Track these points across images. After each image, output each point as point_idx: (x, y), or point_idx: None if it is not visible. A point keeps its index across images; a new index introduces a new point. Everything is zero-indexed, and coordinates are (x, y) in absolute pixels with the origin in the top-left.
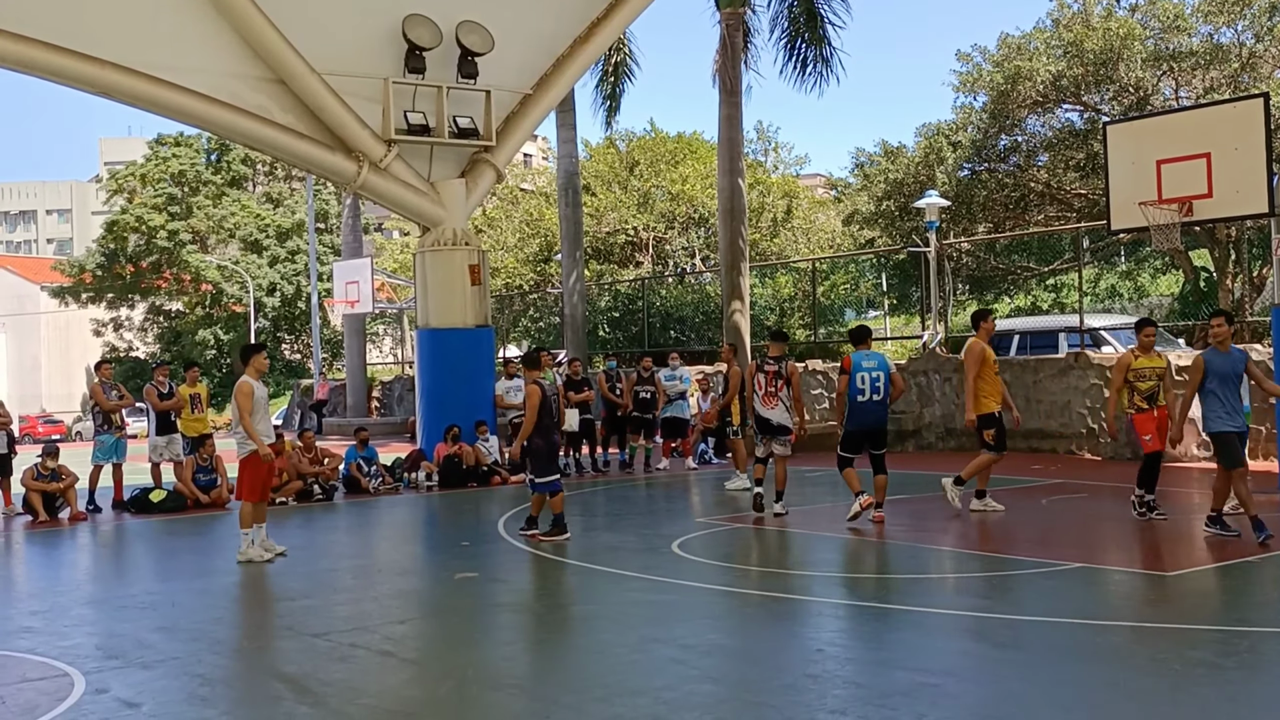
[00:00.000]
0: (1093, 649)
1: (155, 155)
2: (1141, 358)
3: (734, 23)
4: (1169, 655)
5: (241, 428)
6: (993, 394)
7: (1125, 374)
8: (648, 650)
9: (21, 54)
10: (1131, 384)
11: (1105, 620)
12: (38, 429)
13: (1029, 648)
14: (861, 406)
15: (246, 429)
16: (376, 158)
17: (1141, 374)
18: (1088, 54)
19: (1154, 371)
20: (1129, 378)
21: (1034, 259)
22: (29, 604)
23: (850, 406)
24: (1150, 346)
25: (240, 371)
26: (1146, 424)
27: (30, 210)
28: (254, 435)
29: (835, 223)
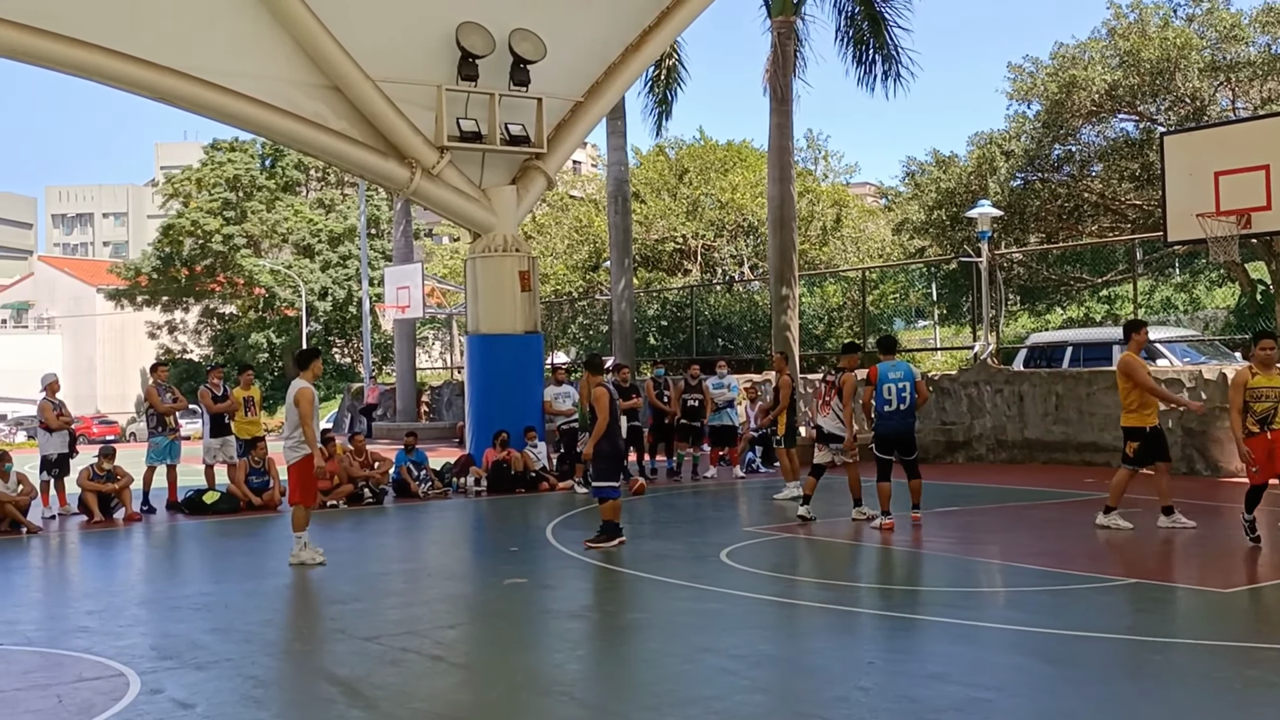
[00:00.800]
0: (1149, 667)
1: (211, 160)
2: (1260, 375)
3: (785, 31)
4: (1228, 674)
5: (301, 432)
6: (1148, 408)
7: (1244, 393)
8: (697, 660)
9: (82, 59)
10: (1247, 404)
11: (1161, 637)
12: (92, 430)
13: (1083, 664)
14: (888, 416)
15: (308, 434)
16: (429, 164)
17: (1260, 394)
18: (1144, 63)
19: (1274, 391)
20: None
21: (1087, 270)
22: (85, 604)
23: (877, 416)
24: (1271, 362)
25: (292, 375)
26: (1258, 449)
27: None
28: (313, 441)
29: (885, 232)
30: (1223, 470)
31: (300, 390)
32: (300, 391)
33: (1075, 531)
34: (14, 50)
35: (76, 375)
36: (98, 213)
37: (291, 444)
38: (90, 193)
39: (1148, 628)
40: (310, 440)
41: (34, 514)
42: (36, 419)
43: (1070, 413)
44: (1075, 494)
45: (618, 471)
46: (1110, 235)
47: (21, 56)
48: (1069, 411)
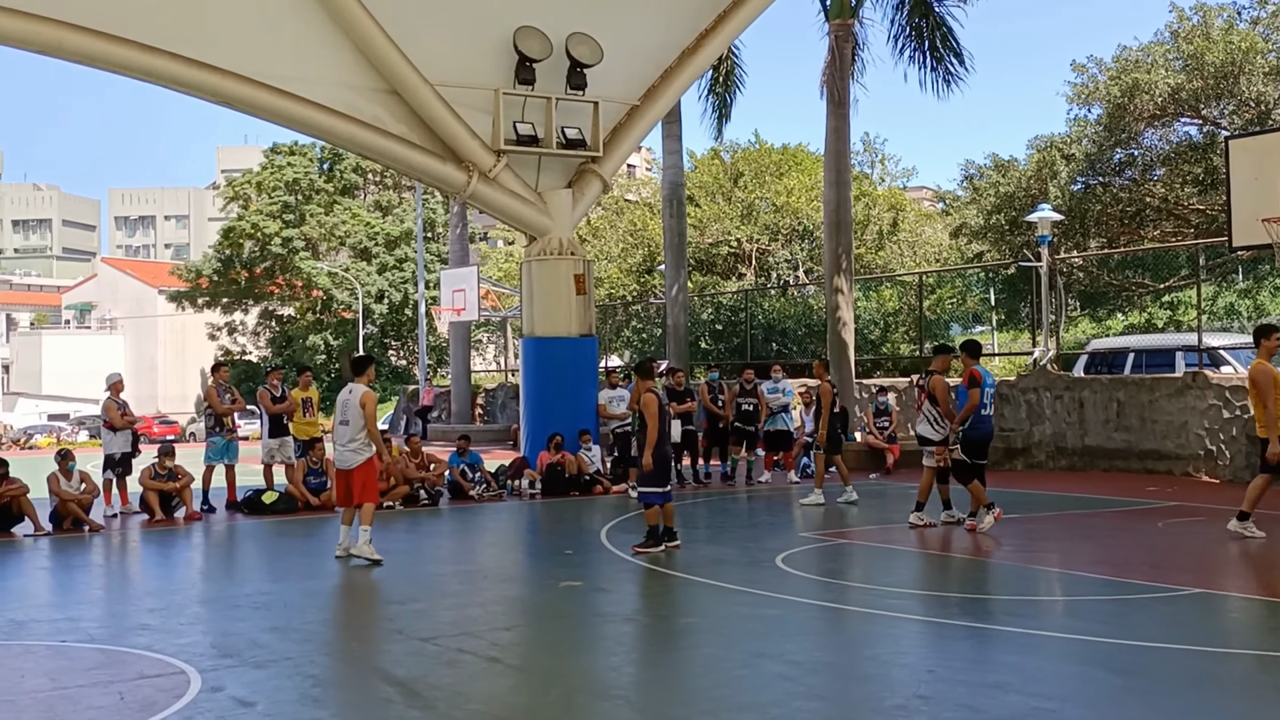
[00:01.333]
0: (1215, 678)
1: (270, 163)
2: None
3: (843, 34)
4: None
5: (365, 434)
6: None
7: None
8: (754, 665)
9: (149, 64)
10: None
11: (1227, 648)
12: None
13: (1148, 675)
14: (984, 419)
15: (374, 436)
16: (486, 168)
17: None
18: (1208, 67)
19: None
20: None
21: (1149, 275)
22: (146, 602)
23: (975, 420)
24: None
25: (348, 377)
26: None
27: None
28: (379, 442)
29: (942, 236)
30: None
31: (365, 394)
32: (365, 394)
33: (1137, 540)
34: (86, 55)
35: (138, 375)
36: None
37: (356, 446)
38: (152, 196)
39: (1213, 638)
40: (377, 440)
41: (96, 512)
42: (100, 418)
43: (1132, 420)
44: (1137, 502)
45: (665, 477)
46: (1173, 240)
47: (92, 61)
48: (1131, 419)
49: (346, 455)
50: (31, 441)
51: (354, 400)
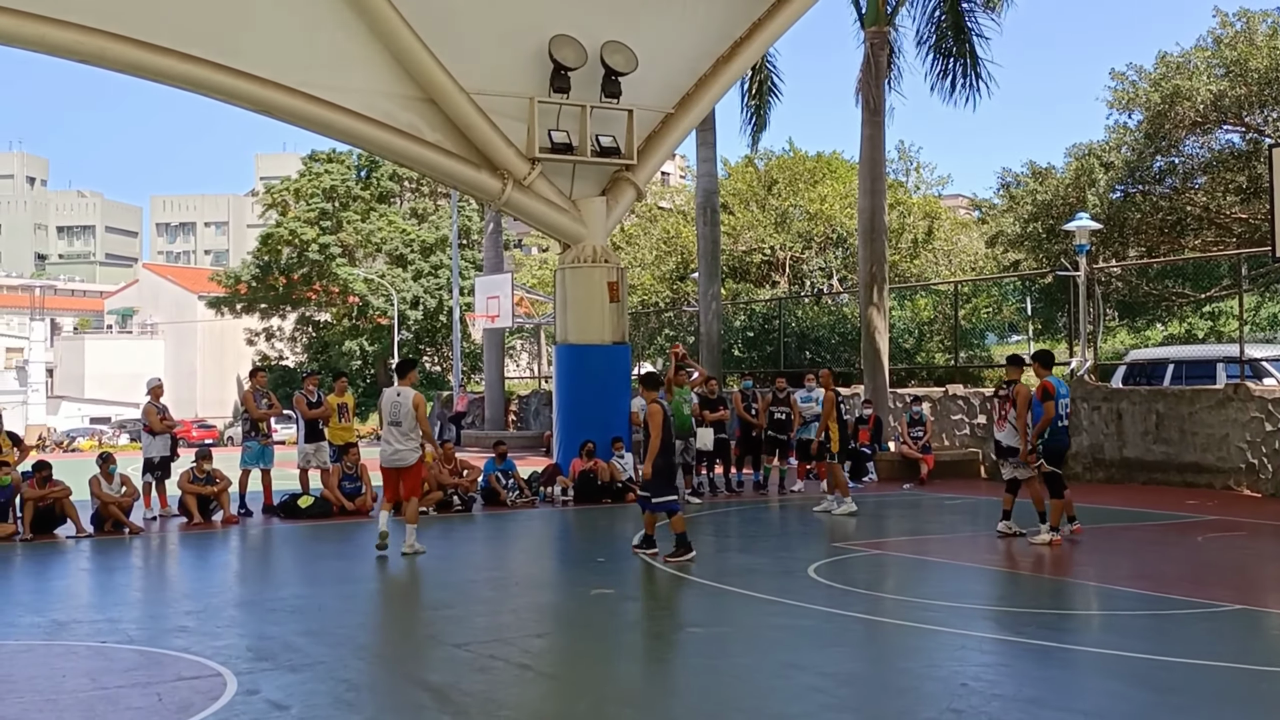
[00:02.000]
0: (1256, 696)
1: (308, 171)
2: None
3: (879, 41)
4: None
5: (418, 433)
6: None
7: None
8: (786, 676)
9: (191, 73)
10: None
11: (1269, 666)
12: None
13: (1187, 691)
14: (1061, 430)
15: (428, 435)
16: (521, 175)
17: None
18: (1252, 73)
19: None
20: None
21: (1190, 285)
22: (184, 604)
23: (1051, 430)
24: None
25: (385, 381)
26: None
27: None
28: (433, 440)
29: (978, 244)
30: None
31: (416, 396)
32: (416, 397)
33: (1176, 554)
34: (129, 65)
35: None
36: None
37: (412, 446)
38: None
39: (1254, 655)
40: (431, 440)
41: (136, 515)
42: (140, 422)
43: (1172, 432)
44: (1176, 516)
45: (672, 486)
46: (1214, 250)
47: (135, 70)
48: (1170, 431)
49: (400, 455)
50: (74, 444)
51: (405, 402)
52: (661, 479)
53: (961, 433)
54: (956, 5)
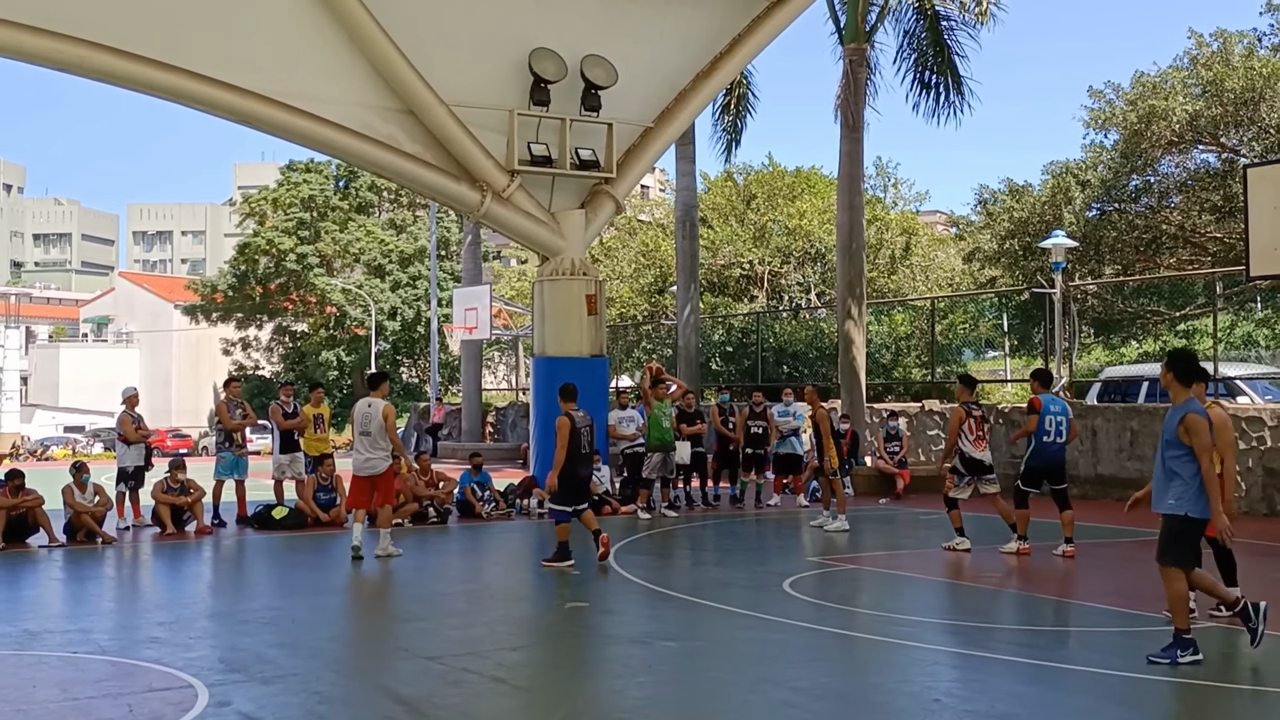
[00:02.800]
0: (1227, 713)
1: (287, 180)
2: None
3: (857, 58)
4: None
5: (386, 443)
6: None
7: None
8: (759, 691)
9: (170, 82)
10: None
11: (1240, 684)
12: (166, 443)
13: (1157, 709)
14: (1046, 446)
15: (396, 445)
16: (500, 188)
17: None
18: (1227, 94)
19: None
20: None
21: (1165, 303)
22: (156, 615)
23: (1035, 445)
24: None
25: (360, 393)
26: None
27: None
28: (401, 451)
29: (955, 261)
30: None
31: (386, 406)
32: (386, 407)
33: (1149, 571)
34: (109, 73)
35: (152, 389)
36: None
37: (382, 454)
38: (170, 211)
39: (1226, 673)
40: (399, 449)
41: (109, 525)
42: (115, 431)
43: (1146, 449)
44: (1149, 532)
45: (576, 498)
46: (1189, 268)
47: (114, 79)
48: (1144, 448)
49: (371, 462)
50: (48, 453)
51: (375, 414)
52: (567, 489)
53: (938, 448)
54: (936, 23)
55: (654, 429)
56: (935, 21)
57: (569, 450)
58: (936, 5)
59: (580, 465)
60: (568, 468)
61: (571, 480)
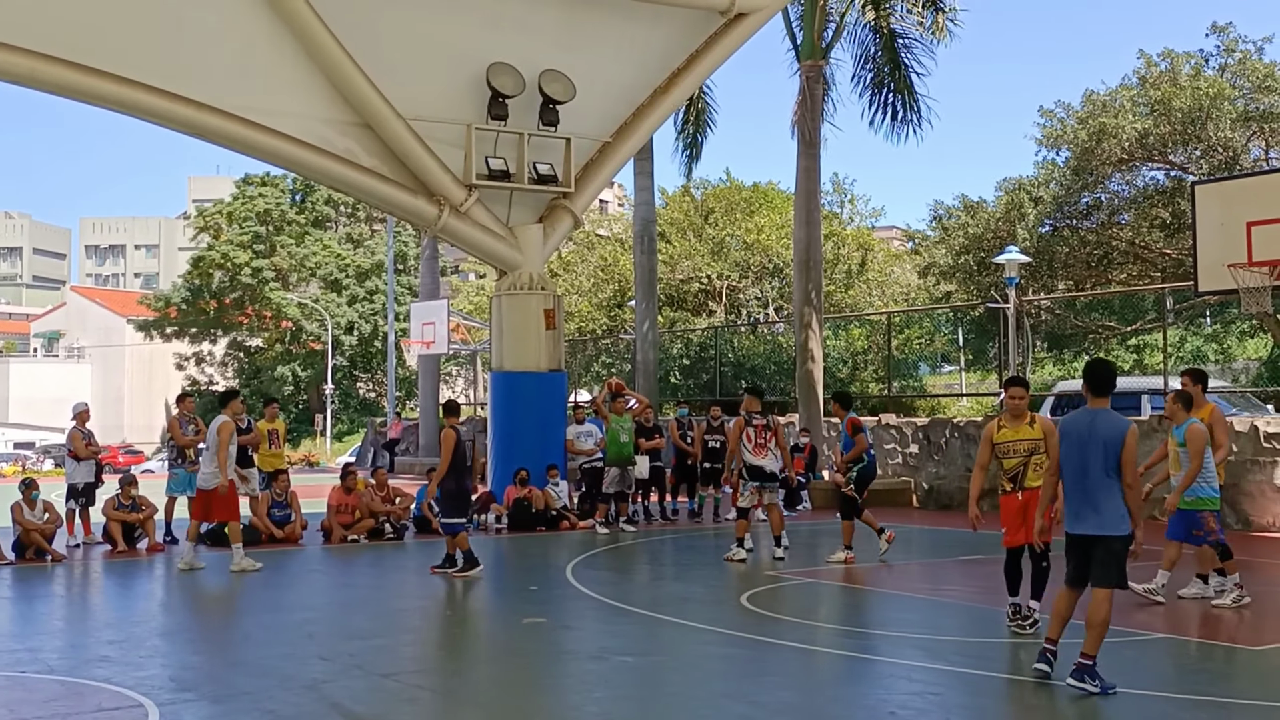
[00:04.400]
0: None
1: (242, 194)
2: (1006, 427)
3: (814, 75)
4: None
5: (218, 460)
6: None
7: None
8: (718, 705)
9: (123, 95)
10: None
11: (1190, 694)
12: (118, 459)
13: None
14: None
15: (221, 463)
16: (457, 202)
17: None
18: (1175, 112)
19: (1023, 445)
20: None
21: (1116, 318)
22: (106, 633)
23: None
24: (1021, 412)
25: (319, 407)
26: (1009, 509)
27: (119, 245)
28: (224, 469)
29: (911, 276)
30: (1254, 524)
31: (223, 424)
32: (223, 425)
33: None
34: (57, 85)
35: (105, 405)
36: (130, 244)
37: (209, 471)
38: (123, 224)
39: (1177, 684)
40: (223, 468)
41: (59, 542)
42: (65, 447)
43: None
44: None
45: (464, 508)
46: (1139, 284)
47: (66, 92)
48: None
49: (206, 478)
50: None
51: (210, 430)
52: (452, 501)
53: (894, 462)
54: (893, 41)
55: (612, 444)
56: (892, 39)
57: (454, 462)
58: (893, 24)
59: (466, 478)
60: (455, 480)
61: (460, 492)
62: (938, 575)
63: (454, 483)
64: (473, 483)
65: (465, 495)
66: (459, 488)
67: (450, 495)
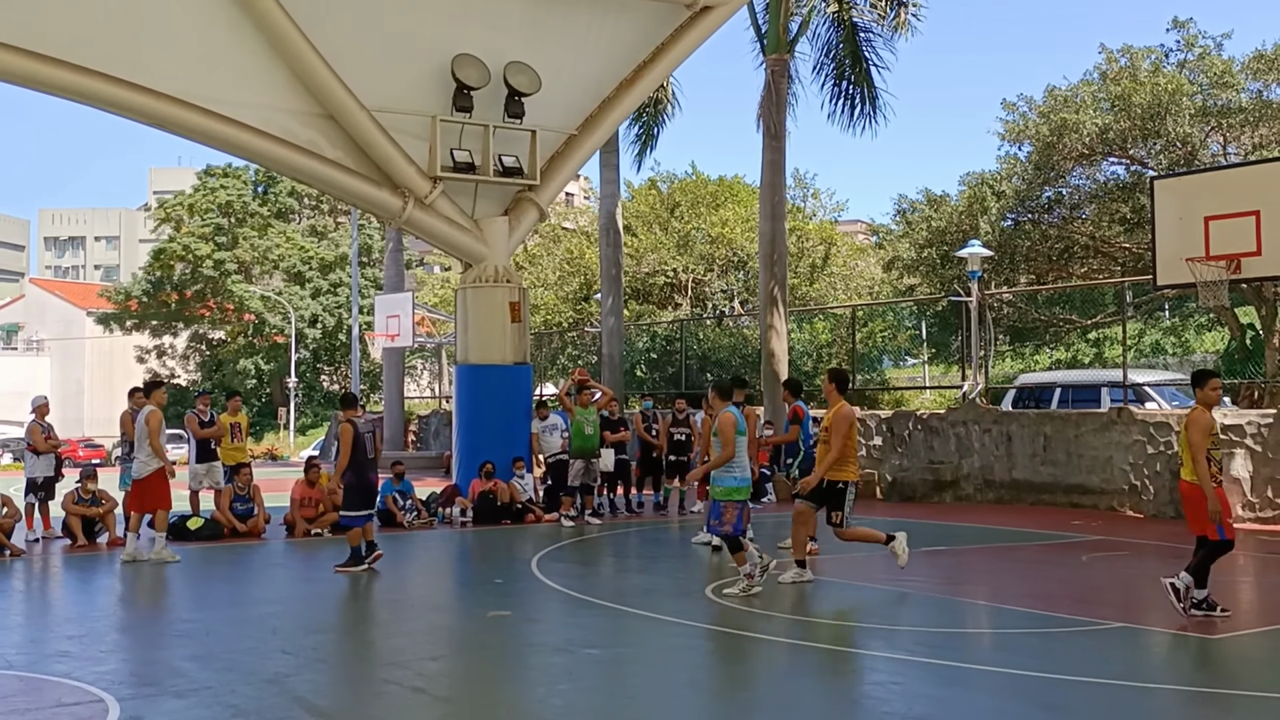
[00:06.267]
0: (1138, 713)
1: (204, 186)
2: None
3: (779, 68)
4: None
5: (148, 448)
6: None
7: (1208, 438)
8: (682, 697)
9: (81, 84)
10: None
11: (1149, 683)
12: (79, 453)
13: (1071, 709)
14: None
15: (156, 449)
16: (422, 194)
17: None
18: (1135, 108)
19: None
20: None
21: (1076, 312)
22: (66, 628)
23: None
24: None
25: (282, 400)
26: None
27: (79, 237)
28: (161, 454)
29: (875, 269)
30: None
31: (151, 413)
32: (151, 414)
33: (1062, 574)
34: (13, 75)
35: (65, 398)
36: (90, 236)
37: (141, 460)
38: (83, 216)
39: (1136, 673)
40: (159, 453)
41: (18, 537)
42: (24, 441)
43: (1058, 454)
44: (1062, 535)
45: (364, 502)
46: (1099, 278)
47: (20, 81)
48: (1057, 453)
49: (137, 468)
50: None
51: (139, 420)
52: (352, 495)
53: (858, 454)
54: (854, 35)
55: (577, 436)
56: (853, 33)
57: (354, 457)
58: (854, 17)
59: (368, 471)
60: (356, 475)
61: (361, 487)
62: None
63: (354, 477)
64: (376, 475)
65: (367, 489)
66: (360, 481)
67: (351, 489)
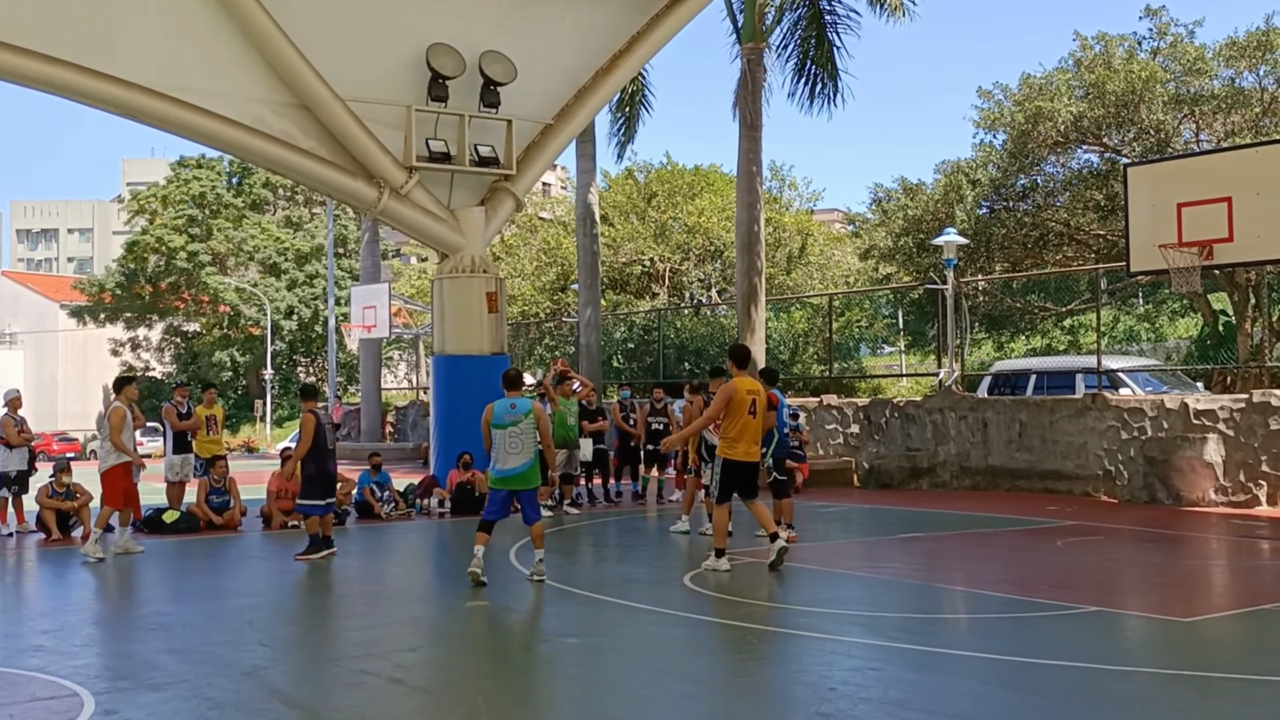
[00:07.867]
0: (1112, 696)
1: (177, 177)
2: None
3: (755, 58)
4: (1190, 704)
5: (112, 443)
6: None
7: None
8: (660, 685)
9: (52, 75)
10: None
11: (1124, 666)
12: (53, 446)
13: (1047, 692)
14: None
15: (118, 445)
16: (397, 184)
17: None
18: (1109, 95)
19: None
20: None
21: (1051, 299)
22: (40, 623)
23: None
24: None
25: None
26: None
27: (52, 229)
28: (125, 450)
29: (851, 258)
30: (1184, 499)
31: (115, 409)
32: (114, 409)
33: (1037, 559)
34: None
35: (38, 391)
36: (63, 228)
37: (104, 453)
38: (56, 208)
39: (1110, 656)
40: (122, 449)
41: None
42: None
43: (1034, 440)
44: (1038, 521)
45: (322, 492)
46: (1074, 265)
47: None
48: (1032, 439)
49: (100, 461)
50: None
51: (104, 414)
52: (316, 485)
53: (835, 442)
54: (820, 18)
55: (558, 426)
56: (819, 14)
57: (314, 446)
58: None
59: (327, 461)
60: (315, 464)
61: (320, 477)
62: (877, 553)
63: (314, 466)
64: (335, 465)
65: (326, 479)
66: (319, 471)
67: (309, 479)
